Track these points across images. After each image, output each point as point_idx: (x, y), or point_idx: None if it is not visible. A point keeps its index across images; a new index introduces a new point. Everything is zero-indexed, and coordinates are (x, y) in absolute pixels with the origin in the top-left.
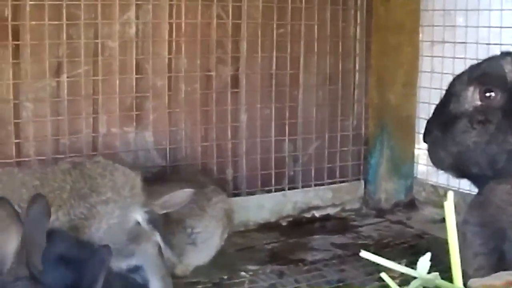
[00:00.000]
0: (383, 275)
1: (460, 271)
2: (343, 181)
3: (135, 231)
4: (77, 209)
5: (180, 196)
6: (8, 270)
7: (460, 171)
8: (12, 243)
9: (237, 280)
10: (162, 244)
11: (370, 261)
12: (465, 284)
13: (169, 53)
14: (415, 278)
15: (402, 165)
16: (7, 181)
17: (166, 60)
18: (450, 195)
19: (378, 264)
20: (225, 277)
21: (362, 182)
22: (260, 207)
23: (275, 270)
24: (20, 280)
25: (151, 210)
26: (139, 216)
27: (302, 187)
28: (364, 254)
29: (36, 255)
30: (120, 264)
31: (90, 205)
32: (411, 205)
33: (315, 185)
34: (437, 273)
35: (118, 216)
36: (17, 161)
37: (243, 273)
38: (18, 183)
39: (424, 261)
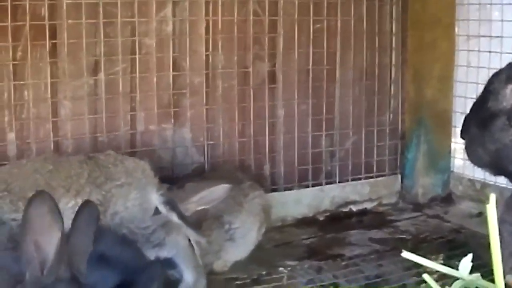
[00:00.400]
0: (426, 276)
1: (502, 272)
2: (380, 176)
3: (162, 219)
4: (94, 196)
5: (217, 191)
6: (48, 270)
7: (497, 169)
8: (53, 241)
9: (275, 276)
10: (182, 223)
11: None
12: None
13: (206, 50)
14: (453, 277)
15: (439, 159)
16: (18, 173)
17: (203, 57)
18: (493, 198)
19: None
20: (264, 272)
21: (399, 176)
22: (298, 202)
23: (313, 266)
24: (61, 282)
25: (165, 192)
26: (154, 198)
27: (339, 182)
28: (405, 254)
29: (82, 259)
30: (149, 253)
31: (105, 191)
32: (448, 199)
33: (352, 179)
34: (479, 274)
35: (135, 197)
36: None
37: (281, 269)
38: (30, 171)
39: (466, 262)
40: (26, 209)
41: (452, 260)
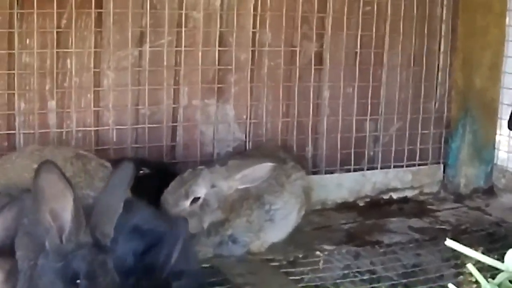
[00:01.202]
0: (470, 266)
1: None
2: (422, 164)
3: None
4: None
5: (261, 170)
6: (67, 237)
7: None
8: (68, 208)
9: (312, 259)
10: None
11: (447, 247)
12: None
13: (254, 26)
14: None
15: (483, 150)
16: (9, 168)
17: (250, 34)
18: None
19: (455, 250)
20: (300, 255)
21: (442, 166)
22: (339, 186)
23: (351, 251)
24: (82, 248)
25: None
26: None
27: (381, 168)
28: (449, 242)
29: (109, 222)
30: None
31: None
32: (490, 191)
33: (395, 166)
34: None
35: None
36: (95, 130)
37: (318, 253)
38: (19, 169)
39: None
40: (35, 179)
41: (491, 254)
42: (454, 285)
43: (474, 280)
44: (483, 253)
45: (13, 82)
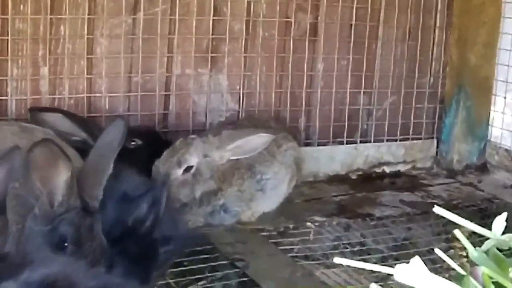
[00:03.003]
0: (457, 232)
1: None
2: (416, 139)
3: None
4: None
5: (255, 141)
6: (60, 203)
7: None
8: (61, 177)
9: (302, 230)
10: None
11: (438, 221)
12: None
13: None
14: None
15: (477, 127)
16: None
17: (245, 4)
18: None
19: (446, 225)
20: (291, 226)
21: (435, 141)
22: (331, 159)
23: (341, 223)
24: (70, 212)
25: None
26: None
27: (374, 141)
28: (437, 209)
29: (98, 184)
30: None
31: None
32: (482, 168)
33: (388, 140)
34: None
35: None
36: (88, 97)
37: (308, 224)
38: None
39: (500, 222)
40: (29, 151)
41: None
42: (442, 260)
43: (464, 254)
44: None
45: (6, 48)
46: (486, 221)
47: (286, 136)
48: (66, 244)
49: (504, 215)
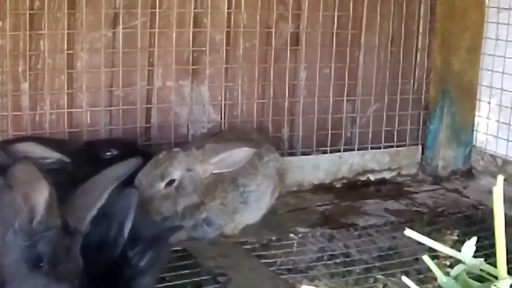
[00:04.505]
0: (425, 257)
1: (505, 258)
2: (400, 146)
3: None
4: None
5: (239, 155)
6: (39, 221)
7: None
8: (41, 195)
9: (285, 242)
10: None
11: (423, 229)
12: None
13: (229, 7)
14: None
15: (462, 132)
16: None
17: (225, 14)
18: (500, 179)
19: (431, 233)
20: (274, 238)
21: (420, 147)
22: (315, 168)
23: (325, 234)
24: (50, 230)
25: None
26: None
27: (359, 149)
28: (408, 232)
29: (88, 208)
30: None
31: None
32: (468, 173)
33: (372, 148)
34: (482, 259)
35: None
36: (69, 112)
37: (292, 235)
38: None
39: (469, 246)
40: (11, 169)
41: (467, 237)
42: (428, 268)
43: (448, 263)
44: (459, 236)
45: None
46: (471, 228)
47: (269, 147)
48: (41, 263)
49: (474, 239)
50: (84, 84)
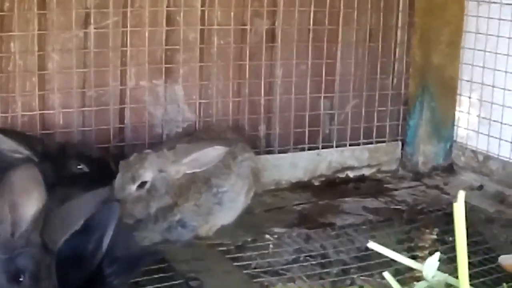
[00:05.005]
0: (386, 274)
1: (467, 270)
2: (380, 142)
3: None
4: None
5: (210, 154)
6: (21, 234)
7: None
8: (31, 207)
9: (261, 244)
10: None
11: (402, 228)
12: None
13: (202, 4)
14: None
15: (442, 127)
16: None
17: (199, 12)
18: (461, 195)
19: (409, 232)
20: (249, 239)
21: (400, 143)
22: (293, 166)
23: (302, 234)
24: (31, 247)
25: None
26: None
27: (337, 146)
28: (371, 245)
29: (63, 231)
30: None
31: None
32: (449, 169)
33: (351, 144)
34: (446, 275)
35: None
36: (41, 113)
37: (267, 236)
38: None
39: (432, 261)
40: (9, 173)
41: (447, 235)
42: (408, 268)
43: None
44: (438, 234)
45: None
46: (451, 226)
47: (243, 146)
48: (21, 278)
49: (437, 255)
50: (56, 85)
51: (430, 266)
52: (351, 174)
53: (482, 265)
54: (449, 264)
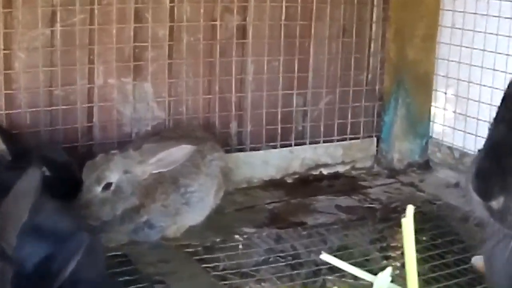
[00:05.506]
0: (324, 255)
1: (416, 284)
2: (354, 138)
3: None
4: None
5: (177, 153)
6: None
7: None
8: (9, 219)
9: (230, 244)
10: None
11: (375, 227)
12: None
13: (171, 1)
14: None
15: (418, 123)
16: None
17: (168, 8)
18: (410, 209)
19: (383, 231)
20: (218, 240)
21: (375, 140)
22: (265, 163)
23: (272, 234)
24: None
25: None
26: None
27: (310, 143)
28: (324, 256)
29: (13, 230)
30: None
31: None
32: (425, 166)
33: (325, 141)
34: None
35: None
36: (8, 113)
37: (237, 236)
38: None
39: (385, 276)
40: (21, 175)
41: (420, 235)
42: (380, 268)
43: (399, 264)
44: None
45: None
46: (424, 225)
47: (213, 145)
48: None
49: (389, 270)
50: (22, 84)
51: (381, 283)
52: (325, 171)
53: (456, 266)
54: (422, 265)
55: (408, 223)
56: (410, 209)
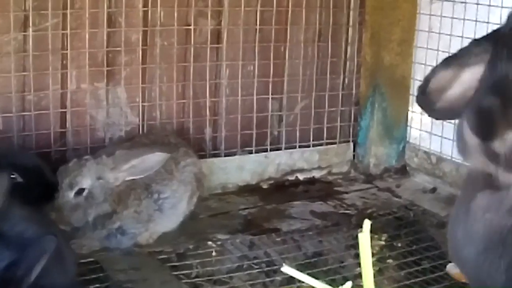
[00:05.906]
0: (285, 268)
1: None
2: (330, 143)
3: None
4: None
5: (151, 160)
6: None
7: None
8: None
9: (203, 251)
10: None
11: (350, 233)
12: None
13: (145, 5)
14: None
15: (394, 128)
16: None
17: (141, 13)
18: (367, 224)
19: (357, 237)
20: (191, 246)
21: (351, 144)
22: (240, 169)
23: (245, 240)
24: None
25: None
26: None
27: (286, 148)
28: (285, 269)
29: None
30: None
31: None
32: (402, 171)
33: (300, 146)
34: None
35: None
36: None
37: (210, 243)
38: None
39: None
40: None
41: (395, 241)
42: (356, 275)
43: (376, 269)
44: (385, 241)
45: None
46: (400, 231)
47: (186, 151)
48: None
49: (349, 284)
50: None
51: None
52: (300, 176)
53: (431, 273)
54: (397, 271)
55: (365, 237)
56: (367, 224)
